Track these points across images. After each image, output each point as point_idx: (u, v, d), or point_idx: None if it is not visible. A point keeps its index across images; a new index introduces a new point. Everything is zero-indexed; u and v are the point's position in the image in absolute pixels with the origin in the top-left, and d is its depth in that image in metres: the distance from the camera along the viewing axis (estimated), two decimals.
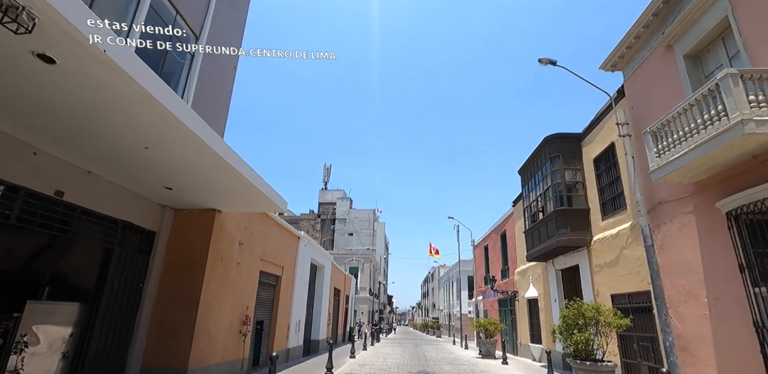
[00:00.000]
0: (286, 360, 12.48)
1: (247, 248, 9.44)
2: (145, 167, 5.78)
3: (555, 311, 14.04)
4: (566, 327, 8.15)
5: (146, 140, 4.97)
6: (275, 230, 11.41)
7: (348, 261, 41.71)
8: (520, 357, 17.66)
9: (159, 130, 4.71)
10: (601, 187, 11.48)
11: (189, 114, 4.66)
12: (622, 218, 10.19)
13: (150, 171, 5.99)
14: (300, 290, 13.99)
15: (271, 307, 11.65)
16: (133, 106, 4.15)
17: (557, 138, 13.01)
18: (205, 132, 5.03)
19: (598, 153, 11.52)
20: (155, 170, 5.93)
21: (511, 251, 20.24)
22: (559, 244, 12.03)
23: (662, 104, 8.46)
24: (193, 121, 4.79)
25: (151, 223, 7.52)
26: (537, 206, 14.29)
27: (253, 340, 10.23)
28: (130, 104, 4.10)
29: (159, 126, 4.61)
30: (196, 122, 4.86)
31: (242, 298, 9.17)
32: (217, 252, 8.00)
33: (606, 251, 10.74)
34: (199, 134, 4.88)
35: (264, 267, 10.65)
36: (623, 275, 9.84)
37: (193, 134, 4.83)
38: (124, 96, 3.97)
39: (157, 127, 4.63)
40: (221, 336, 8.20)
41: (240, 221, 9.06)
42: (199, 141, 4.98)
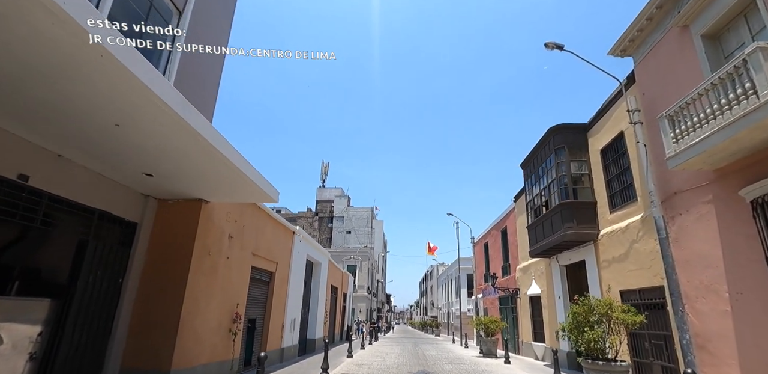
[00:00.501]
0: (281, 360, 11.97)
1: (237, 242, 8.92)
2: (119, 149, 5.25)
3: (559, 308, 13.58)
4: (576, 324, 7.67)
5: (116, 116, 4.44)
6: (268, 224, 10.89)
7: (346, 259, 41.21)
8: (522, 356, 17.20)
9: (129, 103, 4.18)
10: (608, 179, 11.00)
11: (162, 84, 4.13)
12: (632, 211, 9.71)
13: (125, 154, 5.47)
14: (295, 287, 13.48)
15: (264, 305, 11.14)
16: (94, 71, 3.62)
17: (562, 129, 12.52)
18: (183, 107, 4.52)
19: (606, 143, 11.04)
20: (131, 152, 5.40)
21: (513, 248, 19.78)
22: (564, 238, 11.55)
23: (677, 88, 7.97)
24: (169, 93, 4.27)
25: (133, 214, 6.99)
26: (540, 200, 13.81)
27: (244, 339, 9.72)
28: (91, 68, 3.58)
29: (128, 98, 4.09)
30: (172, 94, 4.35)
31: (232, 295, 8.66)
32: (203, 246, 7.48)
33: (614, 246, 10.27)
34: (176, 108, 4.36)
35: (256, 263, 10.13)
36: (633, 271, 9.36)
37: (170, 109, 4.31)
38: (82, 58, 3.44)
39: (126, 99, 4.11)
40: (209, 335, 7.69)
41: (229, 214, 8.54)
42: (177, 118, 4.46)
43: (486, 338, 17.19)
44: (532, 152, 14.39)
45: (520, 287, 17.99)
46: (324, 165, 64.86)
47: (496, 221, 23.20)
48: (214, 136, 5.23)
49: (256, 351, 10.44)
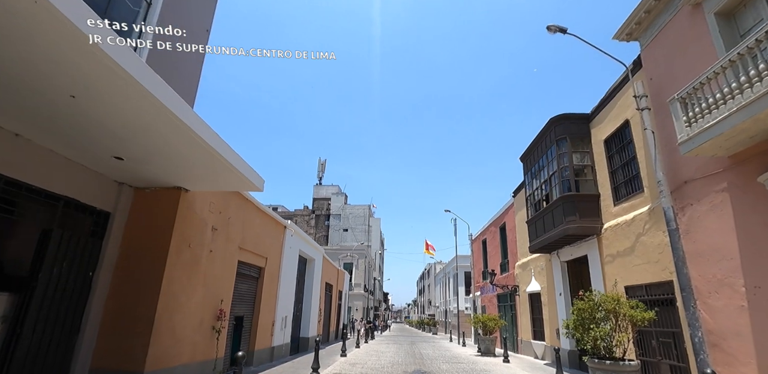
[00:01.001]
0: (270, 359, 11.49)
1: (222, 235, 8.42)
2: (81, 127, 4.74)
3: (560, 305, 13.14)
4: (581, 321, 7.20)
5: (71, 85, 3.93)
6: (256, 217, 10.38)
7: (342, 257, 40.72)
8: (521, 354, 16.76)
9: (84, 69, 3.68)
10: (612, 170, 10.55)
11: (121, 50, 3.63)
12: (638, 203, 9.26)
13: (89, 134, 4.95)
14: (287, 283, 12.98)
15: (253, 301, 10.64)
16: (37, 29, 3.12)
17: (564, 119, 12.06)
18: (149, 79, 4.02)
19: (610, 133, 10.59)
20: (95, 132, 4.89)
21: (511, 244, 19.34)
22: (566, 233, 11.09)
23: (688, 70, 7.51)
24: (130, 60, 3.77)
25: (105, 203, 6.48)
26: (541, 194, 13.35)
27: (230, 338, 9.23)
28: (33, 23, 3.08)
29: (82, 63, 3.59)
30: (134, 61, 3.84)
31: (216, 290, 8.16)
32: (183, 237, 6.98)
33: (619, 240, 9.82)
34: (141, 79, 3.86)
35: (243, 257, 9.63)
36: (640, 265, 8.91)
37: (132, 79, 3.81)
38: (18, 10, 2.94)
39: (79, 65, 3.61)
40: (189, 334, 7.20)
41: (213, 204, 8.04)
42: (141, 89, 3.96)
43: (484, 336, 16.76)
44: (532, 144, 13.92)
45: (519, 284, 17.56)
46: (321, 162, 64.32)
47: (494, 218, 22.76)
48: (187, 114, 4.73)
49: (243, 350, 9.95)
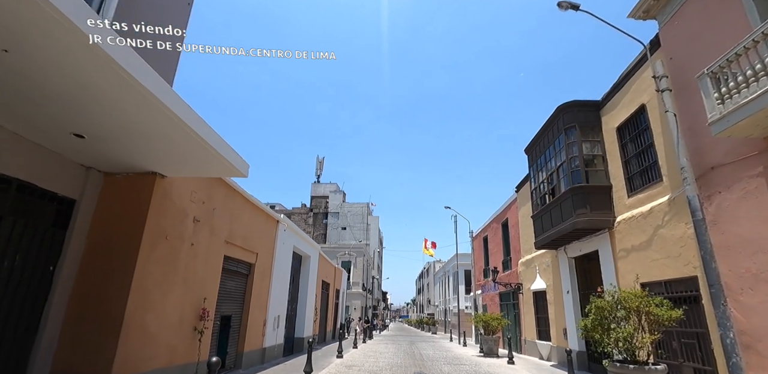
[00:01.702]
0: (261, 361, 10.80)
1: (205, 228, 7.73)
2: (21, 91, 4.04)
3: (567, 304, 12.48)
4: (599, 321, 6.53)
5: (1, 36, 3.24)
6: (245, 209, 9.69)
7: (340, 255, 40.05)
8: (525, 355, 16.11)
9: (14, 16, 2.99)
10: (626, 159, 9.88)
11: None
12: (656, 193, 8.59)
13: (37, 104, 4.26)
14: (279, 281, 12.30)
15: (242, 300, 9.95)
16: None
17: (573, 106, 11.39)
18: (98, 31, 3.32)
19: (623, 120, 9.92)
20: (44, 102, 4.20)
21: (514, 241, 18.68)
22: (576, 227, 10.42)
23: (714, 46, 6.83)
24: (77, 9, 3.09)
25: (70, 189, 5.78)
26: (547, 187, 12.68)
27: (216, 339, 8.55)
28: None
29: (12, 6, 2.90)
30: (78, 7, 3.15)
31: (198, 287, 7.48)
32: (158, 228, 6.29)
33: (634, 233, 9.15)
34: (85, 28, 3.17)
35: (231, 252, 8.94)
36: (658, 260, 8.25)
37: (75, 28, 3.12)
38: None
39: (10, 8, 2.92)
40: (166, 334, 6.51)
41: (195, 193, 7.35)
42: (87, 43, 3.26)
43: (487, 336, 16.10)
44: (538, 134, 13.24)
45: (523, 282, 16.90)
46: (319, 160, 63.57)
47: (496, 213, 22.10)
48: (154, 82, 4.04)
49: (231, 351, 9.28)
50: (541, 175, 13.34)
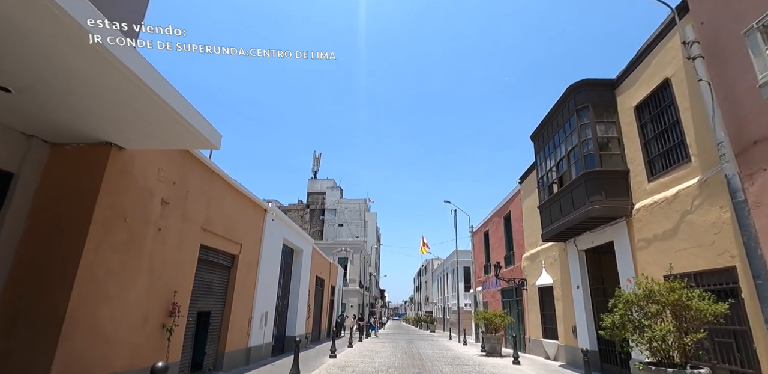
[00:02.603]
0: (246, 362, 9.91)
1: (176, 212, 6.82)
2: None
3: (577, 300, 11.63)
4: (627, 317, 5.64)
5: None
6: (227, 195, 8.78)
7: (336, 252, 39.17)
8: (529, 354, 15.26)
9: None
10: (646, 140, 9.01)
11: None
12: (683, 175, 7.72)
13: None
14: (268, 275, 11.40)
15: (224, 295, 9.05)
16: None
17: (585, 85, 10.50)
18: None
19: (643, 98, 9.04)
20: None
21: (517, 235, 17.82)
22: (590, 215, 9.54)
23: (754, 5, 5.95)
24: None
25: (5, 160, 4.87)
26: (557, 174, 11.80)
27: (192, 337, 7.66)
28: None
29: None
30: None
31: (168, 279, 6.57)
32: (115, 209, 5.38)
33: (656, 221, 8.28)
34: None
35: (209, 241, 8.03)
36: (687, 250, 7.38)
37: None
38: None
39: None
40: (126, 333, 5.61)
41: (164, 172, 6.43)
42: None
43: (490, 335, 15.25)
44: (546, 118, 12.36)
45: (527, 277, 16.05)
46: (316, 156, 62.62)
47: (498, 207, 21.24)
48: (88, 14, 3.13)
49: (210, 351, 8.38)
50: (548, 162, 12.46)
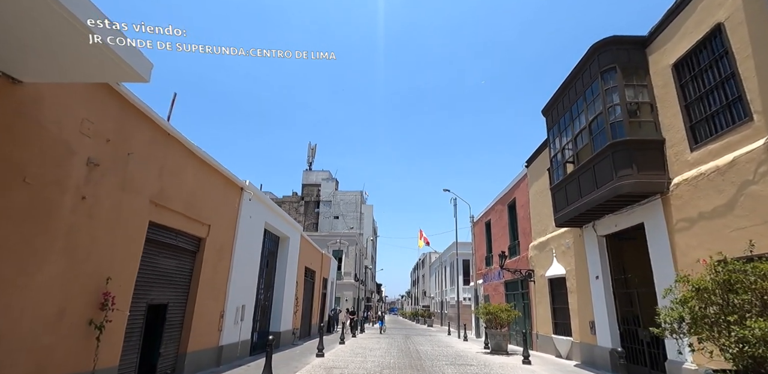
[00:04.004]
0: (217, 363, 8.54)
1: (111, 177, 5.38)
2: None
3: (596, 292, 10.32)
4: (702, 312, 4.27)
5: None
6: (188, 164, 7.34)
7: (331, 244, 37.78)
8: (538, 352, 13.95)
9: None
10: (688, 102, 7.61)
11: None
12: (740, 139, 6.34)
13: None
14: (245, 263, 10.00)
15: (187, 284, 7.65)
16: None
17: (611, 44, 9.05)
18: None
19: (684, 53, 7.63)
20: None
21: (523, 223, 16.48)
22: (618, 192, 8.17)
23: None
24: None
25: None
26: (575, 149, 10.40)
27: (139, 336, 6.25)
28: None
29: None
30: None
31: (97, 262, 5.15)
32: (8, 163, 3.95)
33: (704, 196, 6.91)
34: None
35: (162, 218, 6.60)
36: (747, 228, 6.01)
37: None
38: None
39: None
40: (30, 331, 4.21)
41: (90, 123, 4.97)
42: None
43: (494, 330, 13.94)
44: (562, 87, 10.93)
45: (535, 268, 14.71)
46: (311, 147, 61.11)
47: (501, 194, 19.87)
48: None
49: (167, 352, 6.98)
50: (564, 137, 11.06)
